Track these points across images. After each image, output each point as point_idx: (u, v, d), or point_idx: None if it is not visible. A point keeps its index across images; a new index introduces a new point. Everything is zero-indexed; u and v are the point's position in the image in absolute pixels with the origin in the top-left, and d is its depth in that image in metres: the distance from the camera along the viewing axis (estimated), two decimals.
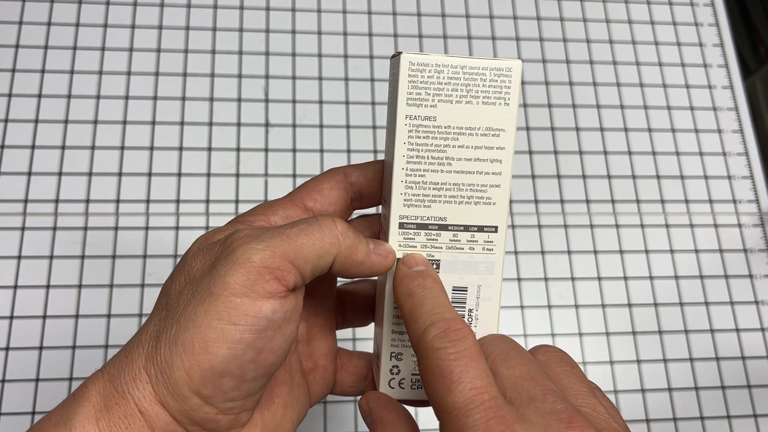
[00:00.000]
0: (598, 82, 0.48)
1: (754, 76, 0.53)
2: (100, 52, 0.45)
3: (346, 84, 0.46)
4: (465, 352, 0.19)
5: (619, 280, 0.43)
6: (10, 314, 0.39)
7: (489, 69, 0.22)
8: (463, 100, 0.22)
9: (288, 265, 0.20)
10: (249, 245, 0.19)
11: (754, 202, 0.46)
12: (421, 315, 0.21)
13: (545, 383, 0.19)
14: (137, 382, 0.19)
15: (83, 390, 0.20)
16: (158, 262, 0.40)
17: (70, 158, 0.42)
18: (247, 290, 0.19)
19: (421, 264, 0.23)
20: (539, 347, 0.22)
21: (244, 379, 0.19)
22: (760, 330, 0.43)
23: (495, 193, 0.23)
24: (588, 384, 0.21)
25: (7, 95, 0.43)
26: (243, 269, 0.19)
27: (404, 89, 0.22)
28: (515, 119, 0.23)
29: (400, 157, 0.22)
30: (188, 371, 0.19)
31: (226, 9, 0.47)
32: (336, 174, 0.24)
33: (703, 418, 0.41)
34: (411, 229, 0.23)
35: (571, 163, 0.46)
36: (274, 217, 0.23)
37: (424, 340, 0.20)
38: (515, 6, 0.50)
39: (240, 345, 0.19)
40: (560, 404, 0.18)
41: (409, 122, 0.22)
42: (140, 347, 0.20)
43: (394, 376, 0.24)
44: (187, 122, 0.44)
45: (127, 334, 0.39)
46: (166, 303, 0.20)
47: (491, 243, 0.23)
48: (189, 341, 0.19)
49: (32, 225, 0.41)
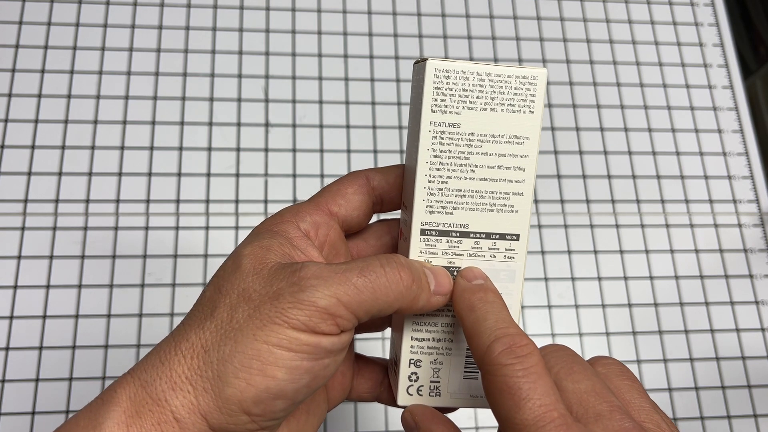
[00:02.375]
0: (598, 82, 0.48)
1: (754, 76, 0.53)
2: (100, 52, 0.45)
3: (346, 84, 0.46)
4: (532, 369, 0.19)
5: (619, 280, 0.43)
6: (10, 314, 0.39)
7: (515, 77, 0.22)
8: (488, 108, 0.22)
9: (349, 314, 0.20)
10: (316, 290, 0.20)
11: (754, 202, 0.46)
12: (484, 330, 0.20)
13: (611, 399, 0.19)
14: (177, 390, 0.19)
15: (112, 394, 0.19)
16: (158, 262, 0.40)
17: (70, 158, 0.42)
18: (307, 328, 0.19)
19: (480, 277, 0.23)
20: (598, 359, 0.22)
21: (295, 401, 0.20)
22: (760, 330, 0.43)
23: (517, 201, 0.23)
24: (650, 400, 0.21)
25: (7, 95, 0.43)
26: (307, 311, 0.19)
27: (429, 95, 0.22)
28: (539, 128, 0.23)
29: (423, 163, 0.22)
30: (243, 390, 0.19)
31: (226, 9, 0.47)
32: (358, 178, 0.24)
33: (703, 418, 0.41)
34: (433, 236, 0.23)
35: (571, 163, 0.46)
36: (302, 224, 0.23)
37: (489, 356, 0.20)
38: (515, 6, 0.50)
39: (298, 371, 0.19)
40: (627, 422, 0.18)
41: (434, 129, 0.22)
42: (180, 356, 0.20)
43: (412, 383, 0.24)
44: (187, 122, 0.44)
45: (127, 334, 0.39)
46: (212, 314, 0.20)
47: (512, 251, 0.23)
48: (247, 361, 0.19)
49: (32, 225, 0.41)
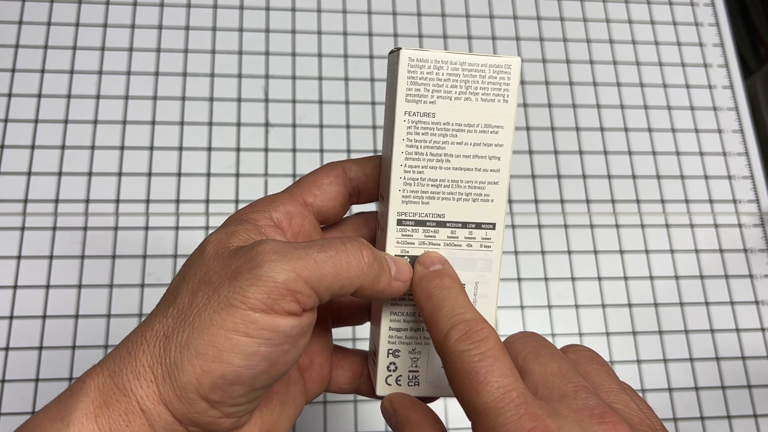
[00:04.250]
0: (598, 82, 0.48)
1: (754, 76, 0.53)
2: (100, 52, 0.45)
3: (346, 84, 0.46)
4: (489, 352, 0.19)
5: (619, 280, 0.43)
6: (10, 314, 0.39)
7: (488, 66, 0.22)
8: (462, 97, 0.22)
9: (309, 290, 0.20)
10: (275, 264, 0.19)
11: (754, 202, 0.46)
12: (441, 318, 0.20)
13: (577, 380, 0.19)
14: (141, 380, 0.19)
15: (81, 385, 0.19)
16: (158, 262, 0.40)
17: (70, 158, 0.42)
18: (266, 307, 0.19)
19: (438, 262, 0.23)
20: (569, 346, 0.22)
21: (253, 387, 0.20)
22: (760, 330, 0.43)
23: (493, 190, 0.23)
24: (619, 382, 0.21)
25: (7, 95, 0.43)
26: (265, 287, 0.19)
27: (403, 85, 0.22)
28: (514, 116, 0.23)
29: (399, 153, 0.22)
30: (199, 377, 0.18)
31: (226, 9, 0.47)
32: (335, 169, 0.24)
33: (703, 418, 0.41)
34: (409, 226, 0.23)
35: (571, 163, 0.46)
36: (275, 213, 0.23)
37: (447, 344, 0.20)
38: (515, 6, 0.50)
39: (255, 357, 0.19)
40: (592, 400, 0.18)
41: (408, 118, 0.22)
42: (145, 344, 0.19)
43: (391, 373, 0.24)
44: (187, 122, 0.44)
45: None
46: (175, 301, 0.20)
47: (489, 240, 0.23)
48: (203, 347, 0.18)
49: (32, 225, 0.41)
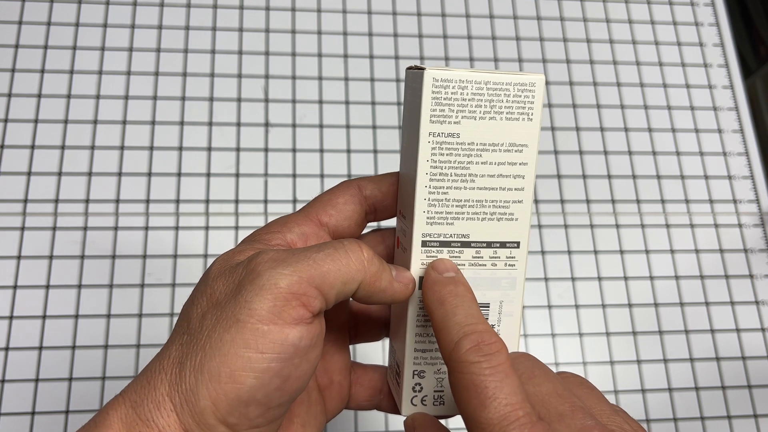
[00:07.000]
0: (598, 82, 0.48)
1: (754, 76, 0.53)
2: (100, 52, 0.45)
3: (346, 84, 0.46)
4: (499, 368, 0.19)
5: (619, 280, 0.43)
6: (10, 314, 0.39)
7: (513, 84, 0.22)
8: (486, 116, 0.22)
9: (314, 291, 0.19)
10: (275, 270, 0.19)
11: (755, 202, 0.46)
12: (453, 326, 0.20)
13: (572, 400, 0.19)
14: (161, 410, 0.19)
15: (104, 416, 0.19)
16: (158, 262, 0.40)
17: (70, 158, 0.42)
18: (273, 317, 0.19)
19: (452, 270, 0.23)
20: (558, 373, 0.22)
21: (269, 407, 0.19)
22: (761, 330, 0.43)
23: (518, 208, 0.23)
24: (610, 405, 0.21)
25: (6, 95, 0.43)
26: (270, 295, 0.19)
27: (428, 106, 0.21)
28: (538, 135, 0.22)
29: (423, 174, 0.22)
30: (215, 400, 0.18)
31: (226, 9, 0.47)
32: (350, 187, 0.24)
33: (703, 419, 0.41)
34: (434, 247, 0.23)
35: (571, 163, 0.46)
36: (290, 234, 0.22)
37: (457, 353, 0.19)
38: (515, 6, 0.50)
39: (267, 374, 0.19)
40: (589, 420, 0.18)
41: (432, 139, 0.22)
42: (163, 373, 0.19)
43: (416, 394, 0.24)
44: (187, 122, 0.44)
45: (127, 335, 0.39)
46: (188, 327, 0.20)
47: (513, 258, 0.23)
48: (215, 370, 0.18)
49: (32, 225, 0.41)
